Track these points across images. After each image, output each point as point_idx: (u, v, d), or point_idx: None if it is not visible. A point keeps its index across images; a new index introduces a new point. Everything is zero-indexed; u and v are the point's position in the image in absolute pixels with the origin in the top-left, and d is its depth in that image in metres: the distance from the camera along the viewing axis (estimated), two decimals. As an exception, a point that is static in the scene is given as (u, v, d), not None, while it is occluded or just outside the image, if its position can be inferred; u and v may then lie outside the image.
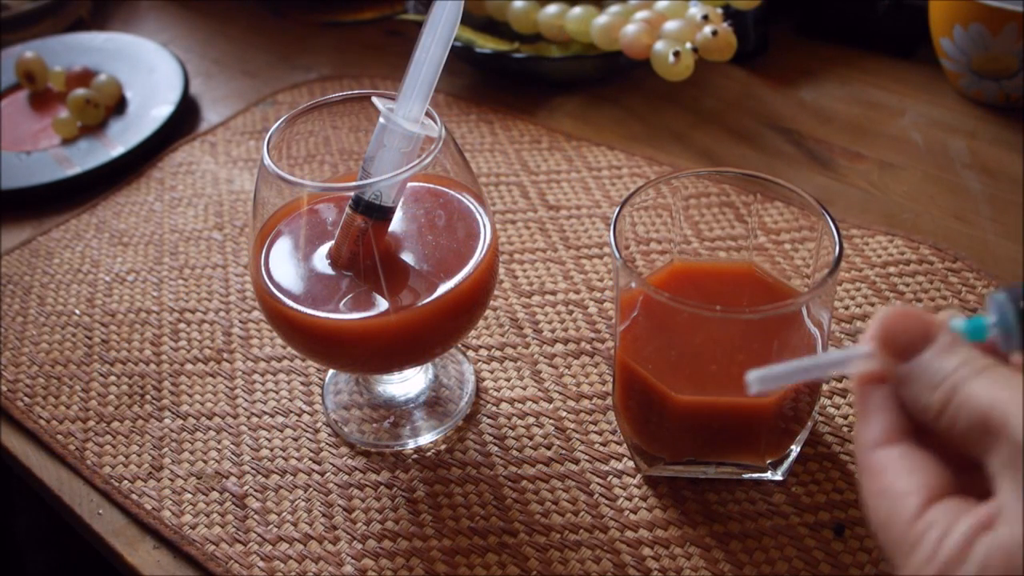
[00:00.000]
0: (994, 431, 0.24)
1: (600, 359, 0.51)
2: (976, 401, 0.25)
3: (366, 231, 0.40)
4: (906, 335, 0.27)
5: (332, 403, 0.50)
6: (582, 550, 0.42)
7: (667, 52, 0.64)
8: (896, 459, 0.26)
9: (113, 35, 0.85)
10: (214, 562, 0.43)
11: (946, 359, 0.26)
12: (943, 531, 0.24)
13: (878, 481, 0.26)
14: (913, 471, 0.26)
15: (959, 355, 0.26)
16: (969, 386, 0.25)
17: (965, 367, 0.26)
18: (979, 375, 0.25)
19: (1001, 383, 0.25)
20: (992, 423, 0.24)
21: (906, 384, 0.27)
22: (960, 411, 0.25)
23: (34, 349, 0.55)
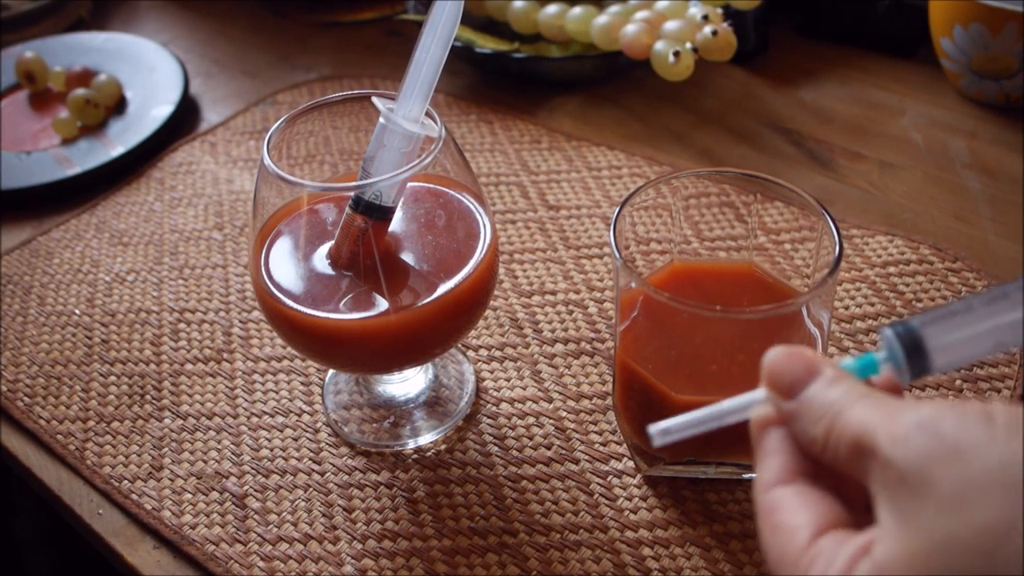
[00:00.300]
0: (867, 452, 0.25)
1: (600, 359, 0.51)
2: (851, 427, 0.25)
3: (366, 231, 0.40)
4: (791, 373, 0.28)
5: (332, 403, 0.50)
6: (582, 550, 0.42)
7: (667, 52, 0.64)
8: (788, 497, 0.27)
9: (113, 35, 0.85)
10: (214, 562, 0.43)
11: (829, 392, 0.27)
12: (828, 560, 0.24)
13: (771, 519, 0.27)
14: (803, 507, 0.26)
15: (841, 387, 0.27)
16: (847, 413, 0.26)
17: (846, 396, 0.26)
18: (858, 402, 0.26)
19: (874, 408, 0.25)
20: (864, 445, 0.25)
21: (794, 421, 0.28)
22: (840, 439, 0.26)
23: (34, 349, 0.55)
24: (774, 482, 0.28)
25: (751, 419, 0.29)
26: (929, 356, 0.27)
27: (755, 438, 0.29)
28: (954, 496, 0.22)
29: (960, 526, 0.22)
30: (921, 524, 0.23)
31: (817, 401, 0.27)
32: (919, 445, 0.23)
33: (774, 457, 0.28)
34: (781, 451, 0.28)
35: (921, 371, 0.27)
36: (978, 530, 0.22)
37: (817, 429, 0.27)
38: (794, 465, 0.28)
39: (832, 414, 0.26)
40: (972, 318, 0.26)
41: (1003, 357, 0.48)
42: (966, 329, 0.26)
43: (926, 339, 0.27)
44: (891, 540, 0.23)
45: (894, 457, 0.24)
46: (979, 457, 0.22)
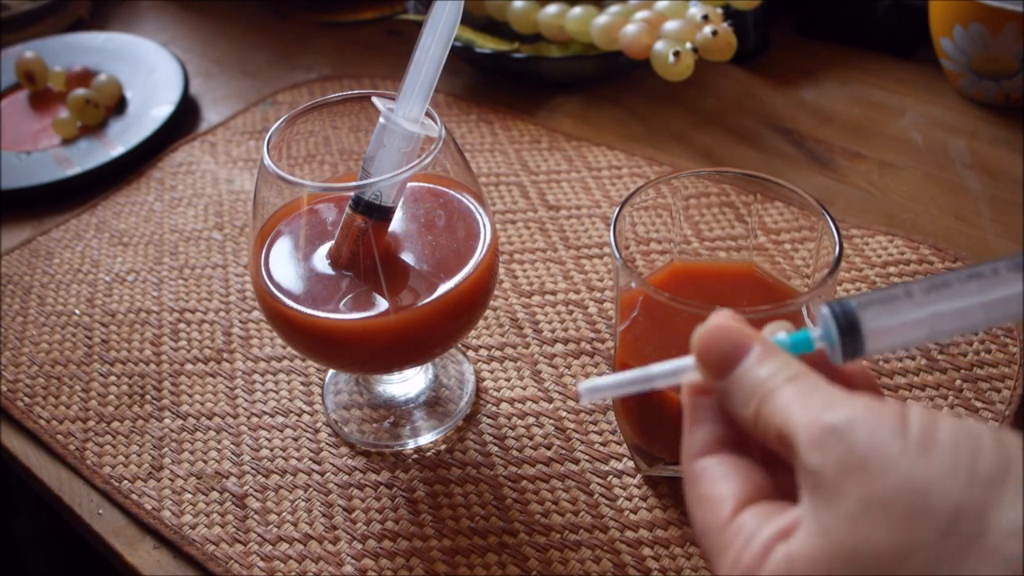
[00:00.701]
0: (789, 446, 0.25)
1: (600, 359, 0.51)
2: (775, 417, 0.25)
3: (366, 231, 0.40)
4: (720, 350, 0.27)
5: (332, 403, 0.50)
6: (582, 550, 0.42)
7: (667, 52, 0.64)
8: (714, 466, 0.27)
9: (113, 35, 0.85)
10: (214, 562, 0.43)
11: (759, 369, 0.26)
12: (749, 536, 0.24)
13: (696, 488, 0.27)
14: (728, 477, 0.26)
15: (770, 365, 0.26)
16: (773, 399, 0.26)
17: (775, 377, 0.26)
18: (785, 386, 0.26)
19: (799, 399, 0.25)
20: (786, 440, 0.25)
21: (725, 399, 0.27)
22: (767, 424, 0.26)
23: (34, 349, 0.55)
24: (701, 451, 0.27)
25: (682, 385, 0.29)
26: (864, 339, 0.26)
27: (685, 405, 0.29)
28: (859, 511, 0.22)
29: (860, 543, 0.22)
30: (830, 530, 0.23)
31: (747, 379, 0.26)
32: (831, 453, 0.23)
33: (702, 425, 0.28)
34: (710, 420, 0.28)
35: (854, 353, 0.27)
36: (875, 551, 0.22)
37: (747, 410, 0.26)
38: (722, 434, 0.28)
39: (760, 396, 0.26)
40: (911, 304, 0.26)
41: (1003, 357, 0.48)
42: (904, 315, 0.26)
43: (863, 322, 0.26)
44: (806, 535, 0.23)
45: (810, 462, 0.24)
46: (885, 473, 0.22)
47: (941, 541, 0.21)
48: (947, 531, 0.21)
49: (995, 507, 0.21)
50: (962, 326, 0.26)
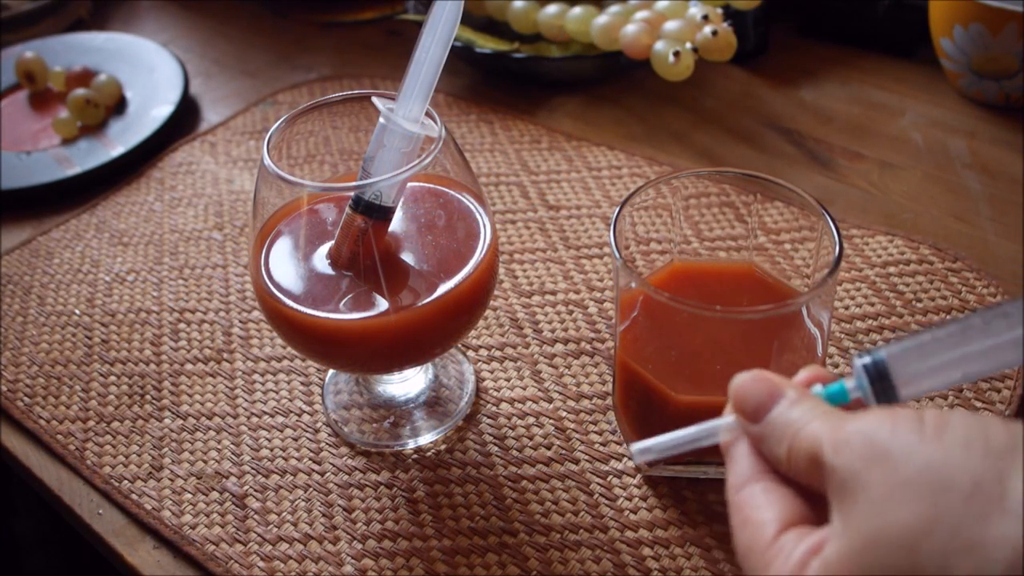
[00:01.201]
0: (818, 463, 0.26)
1: (600, 359, 0.51)
2: (806, 442, 0.27)
3: (366, 231, 0.40)
4: (755, 397, 0.29)
5: (332, 403, 0.50)
6: (582, 550, 0.42)
7: (667, 52, 0.64)
8: (757, 493, 0.28)
9: (113, 35, 0.85)
10: (214, 562, 0.43)
11: (790, 412, 0.28)
12: (787, 555, 0.26)
13: (741, 514, 0.29)
14: (771, 503, 0.28)
15: (802, 407, 0.28)
16: (804, 431, 0.27)
17: (806, 415, 0.28)
18: (814, 420, 0.27)
19: (824, 420, 0.27)
20: (815, 457, 0.26)
21: (761, 443, 0.29)
22: (798, 455, 0.27)
23: (34, 349, 0.55)
24: (744, 481, 0.29)
25: (721, 443, 0.31)
26: (896, 388, 0.28)
27: (725, 453, 0.31)
28: (883, 497, 0.24)
29: (886, 524, 0.23)
30: (857, 524, 0.24)
31: (780, 422, 0.28)
32: (856, 450, 0.25)
33: (742, 460, 0.30)
34: (748, 454, 0.30)
35: (887, 400, 0.28)
36: (902, 528, 0.23)
37: (780, 449, 0.28)
38: (761, 465, 0.29)
39: (791, 433, 0.28)
40: (940, 348, 0.27)
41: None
42: (934, 359, 0.28)
43: (892, 373, 0.28)
44: (836, 540, 0.25)
45: (836, 464, 0.25)
46: (906, 459, 0.24)
47: (964, 507, 0.23)
48: (969, 496, 0.23)
49: (1012, 472, 0.23)
50: (994, 366, 0.27)
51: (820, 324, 0.39)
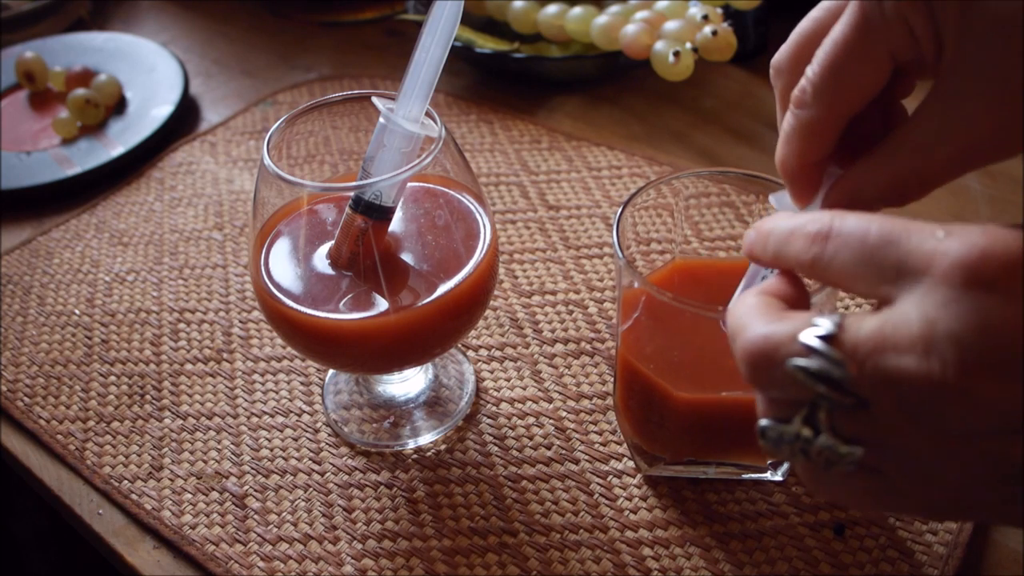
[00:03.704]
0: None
1: (600, 359, 0.51)
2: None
3: (366, 231, 0.40)
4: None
5: (332, 403, 0.50)
6: (582, 550, 0.42)
7: (667, 52, 0.64)
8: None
9: (113, 35, 0.85)
10: (214, 562, 0.43)
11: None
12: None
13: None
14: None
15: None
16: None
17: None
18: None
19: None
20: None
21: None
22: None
23: (34, 349, 0.55)
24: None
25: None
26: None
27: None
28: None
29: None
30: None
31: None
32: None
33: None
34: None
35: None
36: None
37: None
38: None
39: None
40: None
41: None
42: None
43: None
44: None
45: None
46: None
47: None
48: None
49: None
50: None
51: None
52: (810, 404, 0.26)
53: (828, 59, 0.30)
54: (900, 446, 0.25)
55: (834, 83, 0.30)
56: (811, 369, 0.24)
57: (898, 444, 0.25)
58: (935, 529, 0.41)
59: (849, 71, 0.30)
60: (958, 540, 0.41)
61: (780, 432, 0.27)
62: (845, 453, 0.25)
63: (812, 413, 0.26)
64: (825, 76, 0.30)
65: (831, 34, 0.30)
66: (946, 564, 0.40)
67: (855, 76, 0.30)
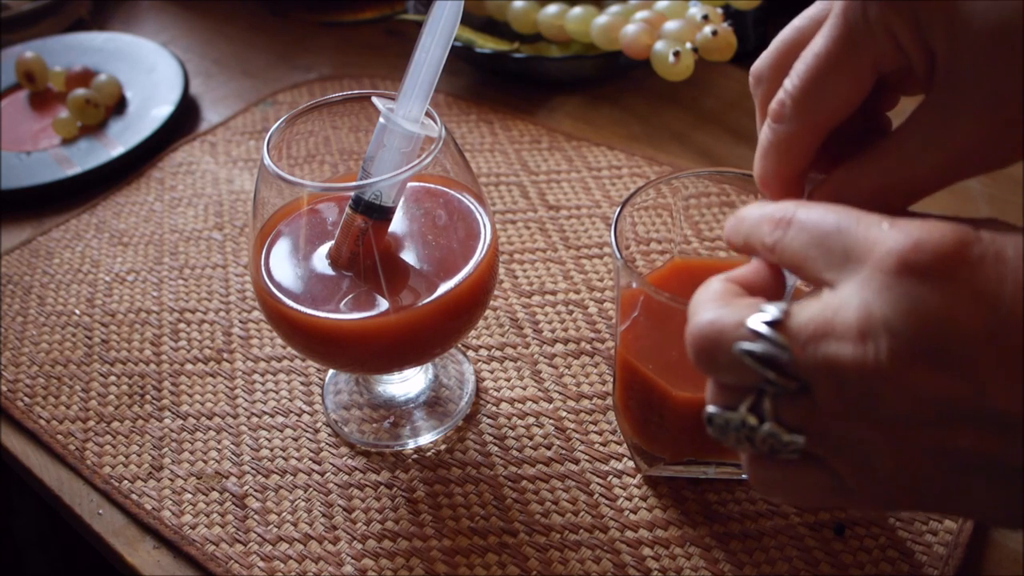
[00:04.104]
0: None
1: (600, 359, 0.51)
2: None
3: (366, 231, 0.40)
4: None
5: (332, 403, 0.50)
6: (582, 550, 0.42)
7: (667, 52, 0.64)
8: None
9: (113, 35, 0.85)
10: (214, 562, 0.43)
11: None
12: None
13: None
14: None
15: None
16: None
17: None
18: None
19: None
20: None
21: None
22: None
23: (34, 349, 0.55)
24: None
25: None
26: None
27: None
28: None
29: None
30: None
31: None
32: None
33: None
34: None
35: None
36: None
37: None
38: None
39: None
40: None
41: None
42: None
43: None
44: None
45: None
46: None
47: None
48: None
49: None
50: None
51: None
52: (756, 392, 0.26)
53: (808, 71, 0.30)
54: (841, 435, 0.25)
55: (814, 96, 0.30)
56: (756, 353, 0.25)
57: (839, 433, 0.25)
58: (935, 529, 0.41)
59: (830, 83, 0.30)
60: (958, 540, 0.41)
61: (726, 419, 0.27)
62: (788, 441, 0.26)
63: (757, 401, 0.26)
64: (805, 88, 0.30)
65: (812, 45, 0.30)
66: (946, 564, 0.40)
67: (836, 88, 0.30)
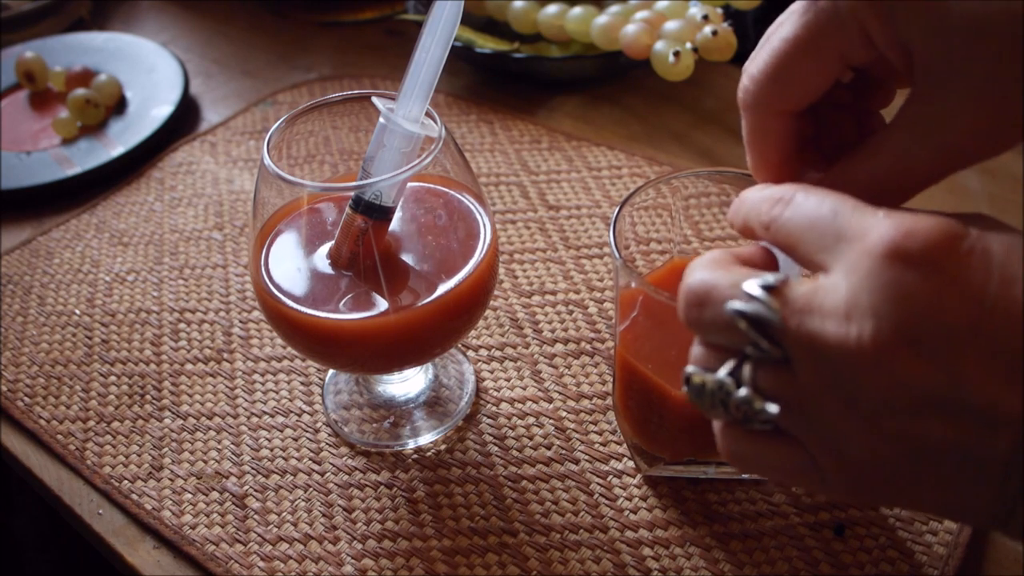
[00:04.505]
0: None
1: (600, 359, 0.51)
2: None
3: (366, 231, 0.40)
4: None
5: (332, 403, 0.50)
6: (582, 550, 0.42)
7: (667, 52, 0.64)
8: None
9: (113, 35, 0.85)
10: (214, 562, 0.43)
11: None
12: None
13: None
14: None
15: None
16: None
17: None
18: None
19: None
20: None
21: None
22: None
23: (34, 349, 0.55)
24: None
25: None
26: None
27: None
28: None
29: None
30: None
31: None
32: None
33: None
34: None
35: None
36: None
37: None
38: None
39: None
40: None
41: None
42: None
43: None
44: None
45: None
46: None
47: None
48: None
49: None
50: None
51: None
52: (739, 357, 0.27)
53: (773, 56, 0.30)
54: (815, 414, 0.25)
55: (777, 82, 0.30)
56: (747, 312, 0.25)
57: (814, 411, 0.25)
58: (935, 529, 0.41)
59: (793, 69, 0.30)
60: (958, 540, 0.41)
61: (704, 380, 0.27)
62: (760, 409, 0.26)
63: (738, 366, 0.27)
64: (768, 73, 0.30)
65: (779, 31, 0.30)
66: (946, 564, 0.40)
67: (799, 74, 0.30)
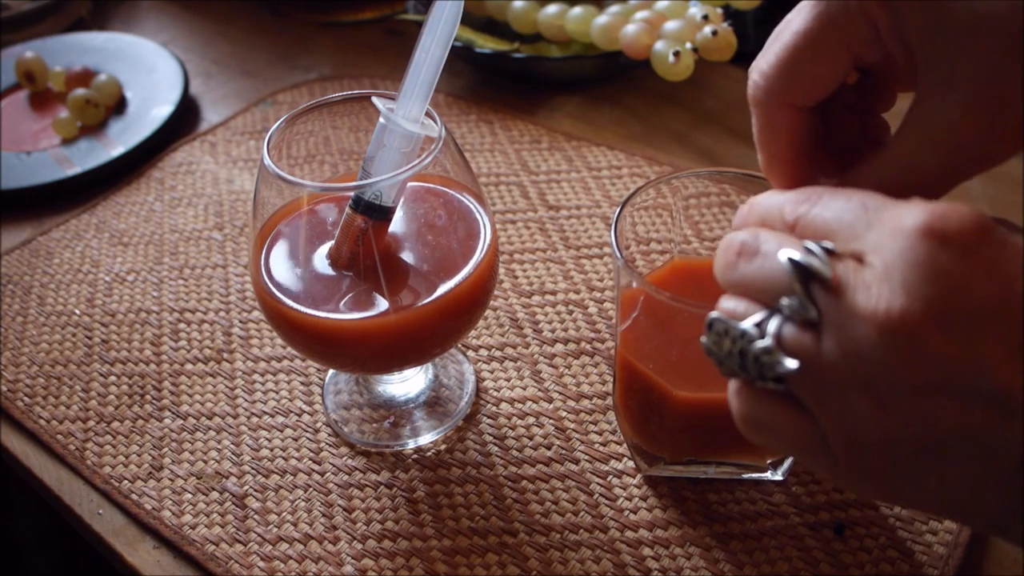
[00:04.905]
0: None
1: (600, 359, 0.51)
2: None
3: (366, 231, 0.40)
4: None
5: (332, 403, 0.50)
6: (582, 550, 0.42)
7: (667, 52, 0.64)
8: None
9: (113, 35, 0.85)
10: (214, 562, 0.43)
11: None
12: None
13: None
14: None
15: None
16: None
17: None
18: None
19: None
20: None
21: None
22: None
23: (34, 349, 0.55)
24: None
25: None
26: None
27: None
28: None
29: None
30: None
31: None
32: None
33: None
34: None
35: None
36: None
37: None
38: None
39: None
40: None
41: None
42: None
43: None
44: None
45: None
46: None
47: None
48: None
49: None
50: None
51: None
52: (768, 312, 0.27)
53: (783, 50, 0.30)
54: (832, 385, 0.25)
55: (787, 76, 0.30)
56: (801, 262, 0.26)
57: (831, 380, 0.25)
58: (935, 529, 0.41)
59: (804, 63, 0.30)
60: (958, 540, 0.41)
61: (727, 326, 0.28)
62: (777, 360, 0.26)
63: (766, 319, 0.27)
64: (779, 67, 0.30)
65: (789, 25, 0.30)
66: (946, 564, 0.40)
67: (809, 68, 0.30)
